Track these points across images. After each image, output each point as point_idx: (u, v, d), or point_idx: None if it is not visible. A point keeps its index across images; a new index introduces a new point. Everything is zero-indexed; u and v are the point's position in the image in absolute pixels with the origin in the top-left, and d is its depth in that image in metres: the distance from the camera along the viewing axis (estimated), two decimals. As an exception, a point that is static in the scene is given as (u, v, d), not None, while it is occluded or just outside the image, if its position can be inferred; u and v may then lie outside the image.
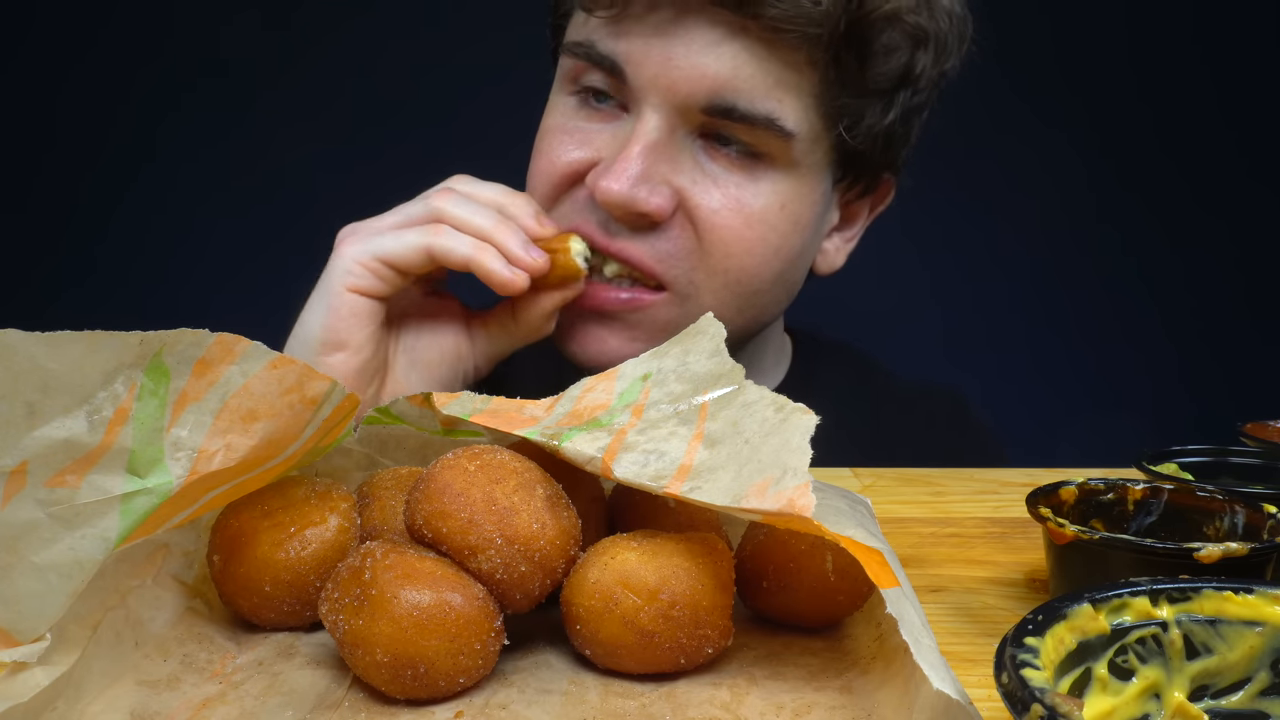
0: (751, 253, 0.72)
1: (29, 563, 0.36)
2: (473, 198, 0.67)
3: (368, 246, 0.65)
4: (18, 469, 0.36)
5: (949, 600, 0.52)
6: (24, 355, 0.35)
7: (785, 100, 0.69)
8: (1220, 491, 0.50)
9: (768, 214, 0.72)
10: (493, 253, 0.65)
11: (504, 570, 0.40)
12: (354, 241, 0.66)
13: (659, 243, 0.71)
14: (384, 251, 0.65)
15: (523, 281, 0.65)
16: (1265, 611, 0.35)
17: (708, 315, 0.46)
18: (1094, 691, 0.34)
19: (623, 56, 0.69)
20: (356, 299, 0.65)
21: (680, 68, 0.68)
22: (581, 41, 0.71)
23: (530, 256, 0.66)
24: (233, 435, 0.40)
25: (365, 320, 0.66)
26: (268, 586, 0.43)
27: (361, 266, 0.65)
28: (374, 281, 0.65)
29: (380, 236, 0.66)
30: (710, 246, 0.71)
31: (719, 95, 0.68)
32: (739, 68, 0.68)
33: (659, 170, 0.69)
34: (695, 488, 0.39)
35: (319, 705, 0.39)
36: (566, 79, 0.75)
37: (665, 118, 0.69)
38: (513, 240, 0.65)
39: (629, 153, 0.68)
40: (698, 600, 0.40)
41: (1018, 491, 0.69)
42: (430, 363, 0.71)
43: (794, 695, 0.40)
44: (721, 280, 0.72)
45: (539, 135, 0.77)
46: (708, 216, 0.70)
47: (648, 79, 0.69)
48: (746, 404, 0.41)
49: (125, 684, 0.40)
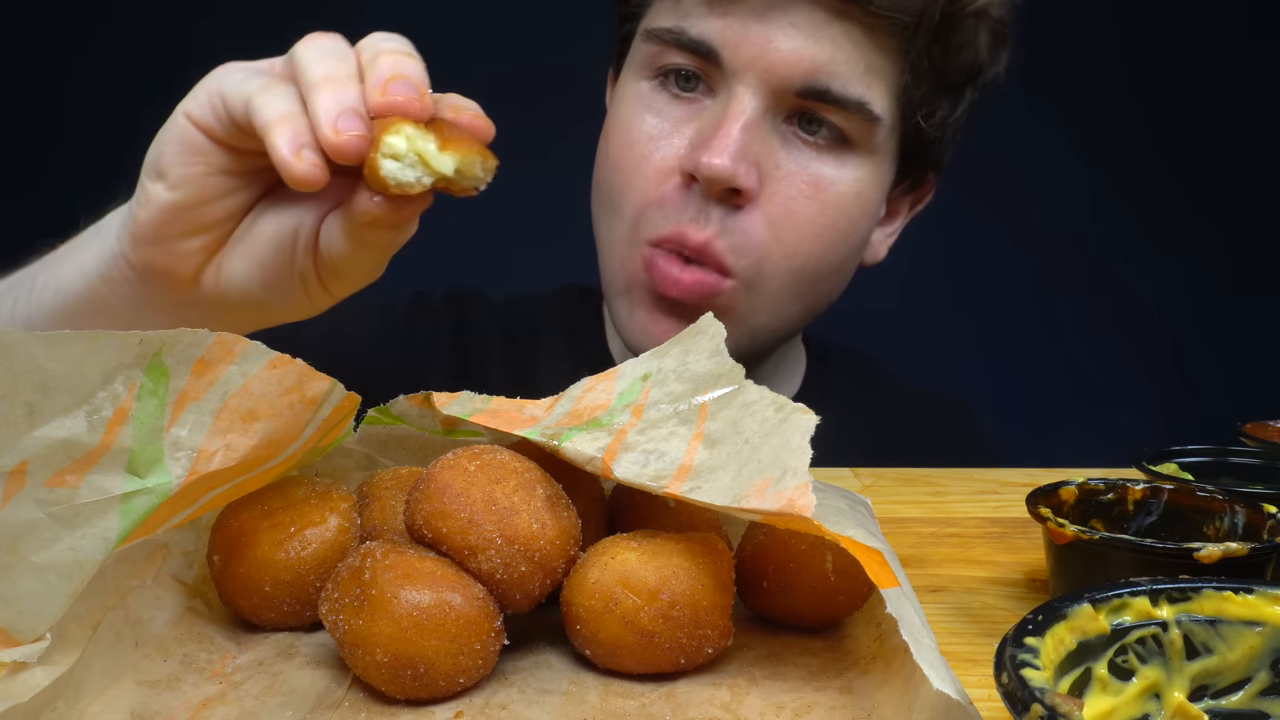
0: (820, 239, 0.73)
1: (29, 563, 0.36)
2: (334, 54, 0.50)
3: (224, 79, 0.51)
4: (18, 469, 0.36)
5: (949, 600, 0.52)
6: (24, 355, 0.35)
7: (875, 86, 0.71)
8: (1220, 491, 0.50)
9: (843, 200, 0.73)
10: (291, 126, 0.47)
11: (504, 570, 0.40)
12: (221, 72, 0.52)
13: (734, 234, 0.72)
14: (225, 87, 0.50)
15: (305, 172, 0.46)
16: (1265, 611, 0.35)
17: (707, 315, 0.46)
18: (1094, 691, 0.34)
19: (719, 40, 0.70)
20: (186, 125, 0.51)
21: (780, 50, 0.69)
22: (671, 28, 0.72)
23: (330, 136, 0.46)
24: (233, 435, 0.40)
25: (190, 154, 0.51)
26: (268, 586, 0.43)
27: (205, 94, 0.51)
28: (207, 114, 0.51)
29: (241, 73, 0.51)
30: (781, 233, 0.72)
31: (815, 78, 0.70)
32: (837, 51, 0.70)
33: (753, 149, 0.70)
34: (695, 488, 0.39)
35: (319, 705, 0.39)
36: (646, 65, 0.75)
37: (760, 99, 0.70)
38: (324, 111, 0.47)
39: (729, 129, 0.69)
40: (698, 600, 0.40)
41: (1018, 491, 0.69)
42: (255, 239, 0.54)
43: (794, 695, 0.40)
44: (786, 267, 0.73)
45: (618, 127, 0.76)
46: (784, 203, 0.72)
47: (746, 60, 0.70)
48: (746, 404, 0.41)
49: (125, 684, 0.40)
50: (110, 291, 0.54)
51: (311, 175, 0.46)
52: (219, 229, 0.53)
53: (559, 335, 0.92)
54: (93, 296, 0.55)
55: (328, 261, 0.52)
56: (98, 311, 0.55)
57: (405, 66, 0.48)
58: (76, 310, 0.56)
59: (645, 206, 0.73)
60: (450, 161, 0.46)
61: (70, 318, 0.56)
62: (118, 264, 0.53)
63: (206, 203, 0.52)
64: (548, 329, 0.92)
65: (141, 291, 0.54)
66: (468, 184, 0.48)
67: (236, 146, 0.51)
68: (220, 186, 0.52)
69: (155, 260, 0.52)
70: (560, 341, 0.92)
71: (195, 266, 0.53)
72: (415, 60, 0.49)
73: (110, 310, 0.55)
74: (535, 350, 0.91)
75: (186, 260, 0.53)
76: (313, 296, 0.54)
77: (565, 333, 0.92)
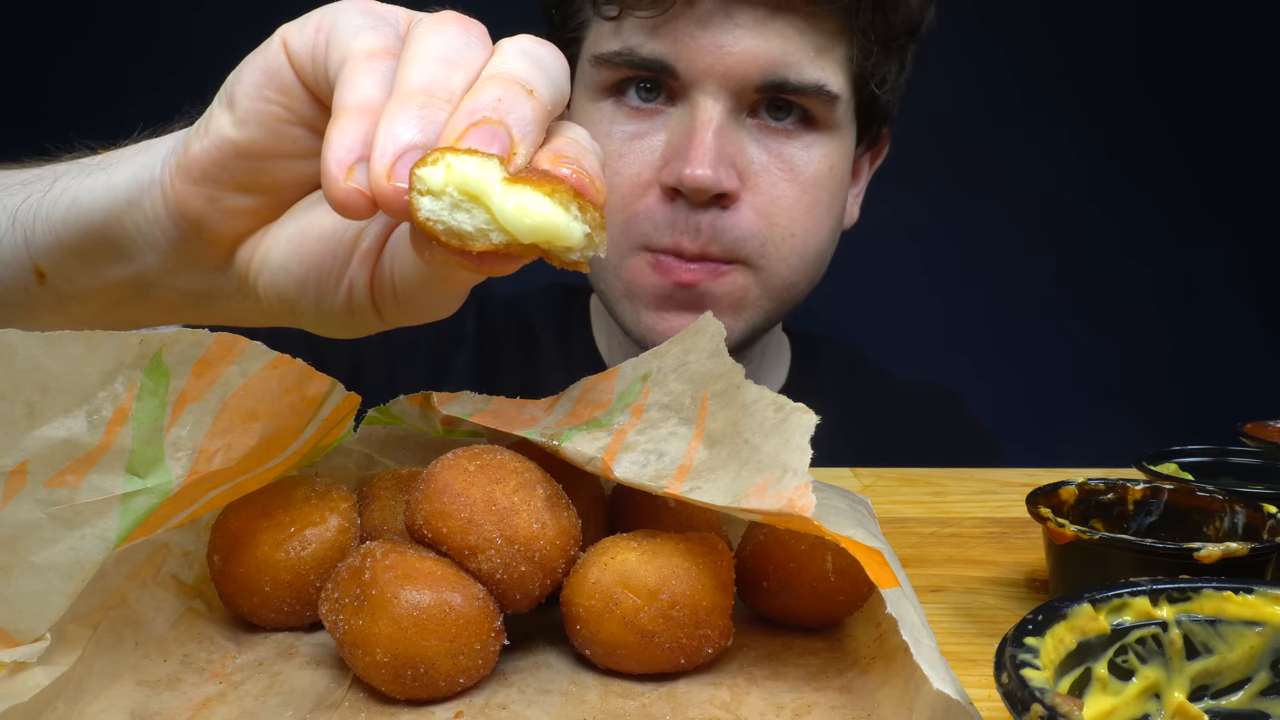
0: (810, 214, 0.76)
1: (29, 563, 0.36)
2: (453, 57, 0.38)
3: (340, 14, 0.41)
4: (18, 469, 0.36)
5: (949, 600, 0.52)
6: (24, 355, 0.35)
7: (828, 66, 0.73)
8: (1220, 491, 0.50)
9: (820, 177, 0.75)
10: (359, 128, 0.36)
11: (504, 570, 0.40)
12: (342, 5, 0.41)
13: (728, 233, 0.73)
14: (337, 26, 0.40)
15: (343, 195, 0.35)
16: (1265, 611, 0.35)
17: (707, 315, 0.46)
18: (1094, 691, 0.34)
19: (671, 55, 0.71)
20: (279, 52, 0.41)
21: (734, 53, 0.70)
22: (620, 50, 0.73)
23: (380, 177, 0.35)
24: (233, 435, 0.40)
25: (271, 88, 0.41)
26: (268, 586, 0.43)
27: (314, 25, 0.41)
28: (306, 48, 0.40)
29: (361, 18, 0.40)
30: (775, 218, 0.74)
31: (772, 73, 0.71)
32: (785, 43, 0.71)
33: (727, 152, 0.72)
34: (695, 488, 0.39)
35: (319, 705, 0.39)
36: (598, 88, 0.75)
37: (724, 101, 0.72)
38: (389, 139, 0.35)
39: (702, 138, 0.71)
40: (698, 600, 0.40)
41: (1018, 491, 0.69)
42: (309, 227, 0.44)
43: (794, 695, 0.40)
44: (790, 246, 0.75)
45: None
46: (766, 191, 0.74)
47: (702, 69, 0.71)
48: (746, 404, 0.41)
49: (125, 684, 0.40)
50: (133, 225, 0.44)
51: (349, 201, 0.35)
52: (277, 196, 0.43)
53: (546, 332, 0.93)
54: (111, 224, 0.45)
55: (387, 281, 0.42)
56: (109, 248, 0.45)
57: (511, 107, 0.36)
58: (87, 235, 0.45)
59: (629, 218, 0.74)
60: (518, 206, 0.33)
61: (76, 241, 0.45)
62: (152, 194, 0.44)
63: (272, 156, 0.42)
64: (534, 326, 0.93)
65: (166, 238, 0.44)
66: (561, 247, 0.33)
67: (325, 100, 0.40)
68: (294, 141, 0.42)
69: (193, 204, 0.43)
70: (547, 338, 0.92)
71: (236, 231, 0.44)
72: (530, 100, 0.36)
73: (122, 251, 0.45)
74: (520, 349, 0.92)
75: (228, 220, 0.43)
76: (357, 315, 0.44)
77: (553, 329, 0.93)
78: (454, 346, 0.91)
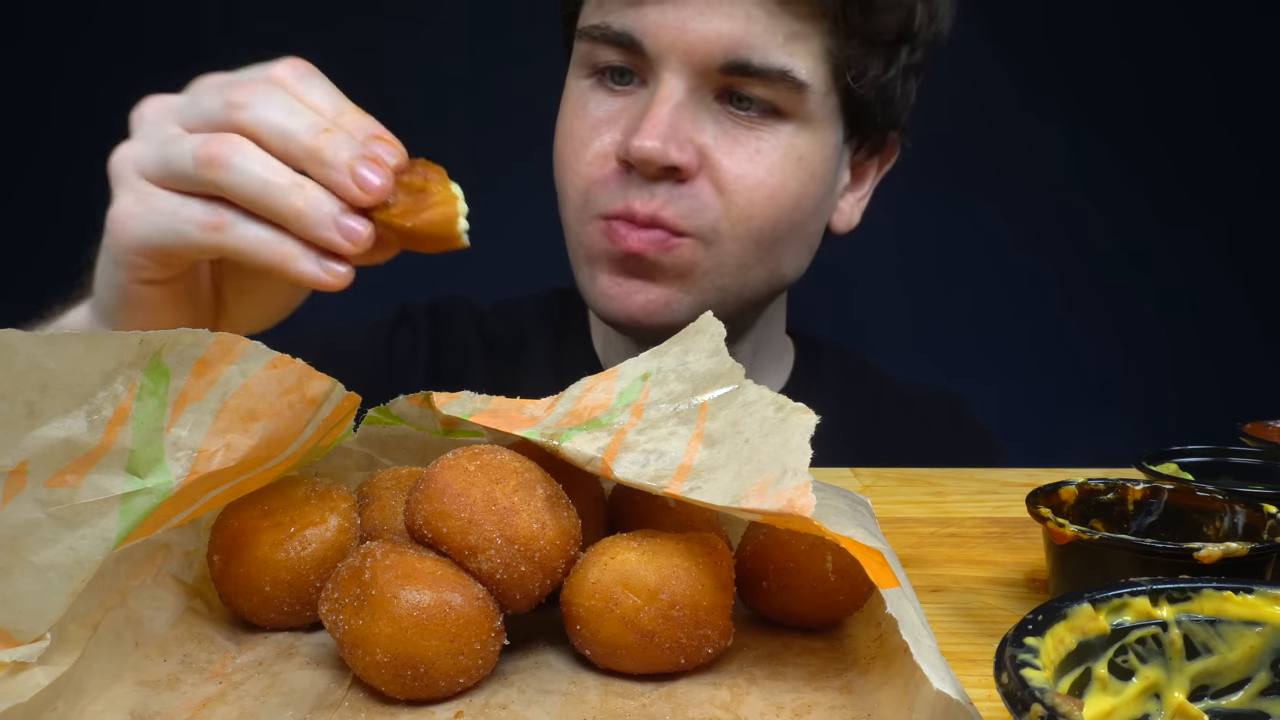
0: (773, 199, 0.75)
1: (29, 563, 0.36)
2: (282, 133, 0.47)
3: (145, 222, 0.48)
4: (18, 469, 0.36)
5: (949, 600, 0.52)
6: (24, 355, 0.35)
7: (797, 53, 0.72)
8: (1220, 491, 0.50)
9: (785, 164, 0.75)
10: (296, 249, 0.47)
11: (504, 570, 0.40)
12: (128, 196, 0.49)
13: (683, 200, 0.73)
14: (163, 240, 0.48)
15: (343, 280, 0.47)
16: (1265, 611, 0.35)
17: (707, 315, 0.46)
18: (1094, 691, 0.34)
19: (638, 29, 0.72)
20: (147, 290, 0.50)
21: (696, 30, 0.71)
22: (597, 24, 0.74)
23: (347, 234, 0.46)
24: (233, 435, 0.40)
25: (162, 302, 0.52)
26: (268, 586, 0.43)
27: (142, 257, 0.49)
28: (160, 271, 0.50)
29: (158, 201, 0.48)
30: (733, 197, 0.74)
31: (735, 53, 0.71)
32: (752, 24, 0.71)
33: (683, 129, 0.72)
34: (695, 488, 0.39)
35: (319, 705, 0.39)
36: (582, 64, 0.77)
37: (685, 80, 0.72)
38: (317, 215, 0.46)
39: (656, 111, 0.71)
40: (698, 600, 0.40)
41: (1018, 491, 0.69)
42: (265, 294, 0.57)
43: (794, 695, 0.40)
44: (745, 228, 0.75)
45: (561, 123, 0.79)
46: (729, 169, 0.73)
47: (665, 45, 0.71)
48: (746, 404, 0.41)
49: (125, 684, 0.40)
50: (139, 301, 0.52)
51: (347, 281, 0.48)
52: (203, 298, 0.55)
53: (543, 337, 0.93)
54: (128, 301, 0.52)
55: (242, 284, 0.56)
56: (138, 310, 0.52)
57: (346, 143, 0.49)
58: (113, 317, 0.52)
59: (588, 186, 0.75)
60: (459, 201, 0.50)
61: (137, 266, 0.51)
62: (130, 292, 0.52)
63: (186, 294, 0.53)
64: (532, 331, 0.94)
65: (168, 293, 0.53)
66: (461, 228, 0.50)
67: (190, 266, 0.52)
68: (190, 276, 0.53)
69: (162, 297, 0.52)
70: (545, 343, 0.93)
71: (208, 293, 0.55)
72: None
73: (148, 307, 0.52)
74: (518, 355, 0.92)
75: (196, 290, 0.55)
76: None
77: (550, 333, 0.93)
78: (453, 354, 0.91)
